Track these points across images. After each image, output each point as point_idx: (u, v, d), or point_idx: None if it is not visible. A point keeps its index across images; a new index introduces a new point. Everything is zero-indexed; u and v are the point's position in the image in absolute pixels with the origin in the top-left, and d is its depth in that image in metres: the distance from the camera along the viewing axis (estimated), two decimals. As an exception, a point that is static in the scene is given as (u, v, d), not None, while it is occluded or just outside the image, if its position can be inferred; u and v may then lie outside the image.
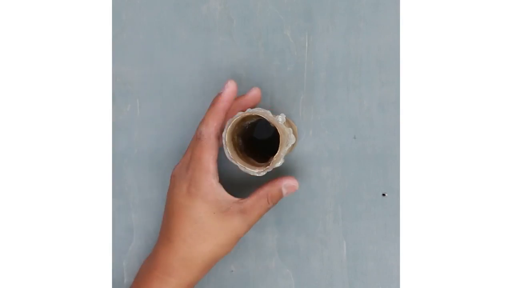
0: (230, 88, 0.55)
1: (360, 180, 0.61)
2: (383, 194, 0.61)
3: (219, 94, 0.55)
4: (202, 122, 0.55)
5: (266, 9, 0.61)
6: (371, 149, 0.61)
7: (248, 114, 0.51)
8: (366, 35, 0.61)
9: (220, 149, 0.56)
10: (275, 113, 0.58)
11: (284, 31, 0.61)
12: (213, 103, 0.55)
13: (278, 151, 0.51)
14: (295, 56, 0.61)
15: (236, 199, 0.55)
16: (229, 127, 0.51)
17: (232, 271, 0.62)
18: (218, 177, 0.55)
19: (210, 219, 0.54)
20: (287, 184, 0.56)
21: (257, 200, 0.55)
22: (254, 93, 0.56)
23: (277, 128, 0.51)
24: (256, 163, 0.54)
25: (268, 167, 0.51)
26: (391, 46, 0.61)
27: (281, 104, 0.61)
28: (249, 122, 0.55)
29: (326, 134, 0.61)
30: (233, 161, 0.52)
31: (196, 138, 0.55)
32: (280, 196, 0.56)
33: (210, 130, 0.54)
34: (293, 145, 0.57)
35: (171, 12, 0.62)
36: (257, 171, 0.52)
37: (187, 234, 0.55)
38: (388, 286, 0.61)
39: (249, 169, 0.52)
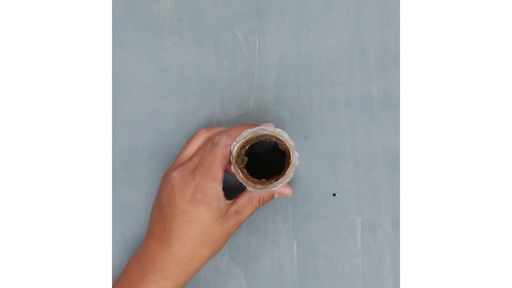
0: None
1: (311, 180, 0.61)
2: (334, 194, 0.61)
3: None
4: (225, 132, 0.54)
5: (217, 9, 0.61)
6: (322, 149, 0.61)
7: (266, 134, 0.52)
8: (316, 35, 0.61)
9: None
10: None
11: (234, 31, 0.61)
12: (248, 125, 0.55)
13: (283, 177, 0.53)
14: (246, 56, 0.61)
15: (231, 200, 0.56)
16: (241, 142, 0.53)
17: (182, 271, 0.62)
18: (222, 184, 0.55)
19: (212, 225, 0.55)
20: (280, 191, 0.57)
21: (249, 201, 0.56)
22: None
23: (290, 154, 0.52)
24: (255, 180, 0.54)
25: (268, 185, 0.53)
26: (342, 46, 0.61)
27: (231, 104, 0.61)
28: (257, 141, 0.55)
29: (276, 134, 0.61)
30: (237, 177, 0.54)
31: (212, 145, 0.54)
32: (271, 199, 0.57)
33: (229, 141, 0.54)
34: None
35: (122, 11, 0.61)
36: (258, 189, 0.53)
37: (187, 239, 0.54)
38: (339, 286, 0.61)
39: (250, 187, 0.53)
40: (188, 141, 0.58)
